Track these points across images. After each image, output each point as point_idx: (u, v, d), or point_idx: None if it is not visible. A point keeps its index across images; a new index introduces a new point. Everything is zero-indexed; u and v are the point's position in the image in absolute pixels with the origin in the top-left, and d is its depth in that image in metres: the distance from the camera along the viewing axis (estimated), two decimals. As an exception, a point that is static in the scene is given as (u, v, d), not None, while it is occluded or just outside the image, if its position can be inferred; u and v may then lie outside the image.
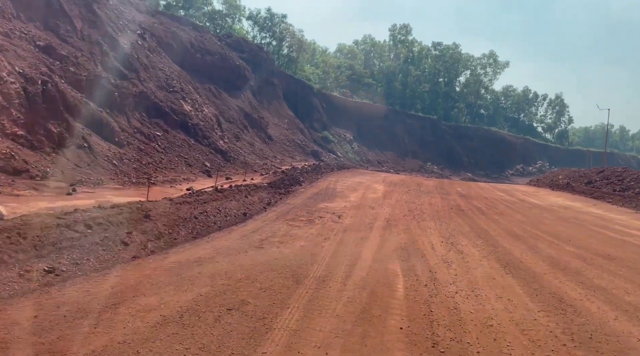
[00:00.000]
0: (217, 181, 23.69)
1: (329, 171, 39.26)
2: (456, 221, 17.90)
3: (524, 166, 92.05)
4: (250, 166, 32.29)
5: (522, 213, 21.69)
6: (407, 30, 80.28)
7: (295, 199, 20.79)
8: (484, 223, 17.72)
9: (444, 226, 16.48)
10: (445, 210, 20.83)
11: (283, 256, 10.37)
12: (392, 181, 34.07)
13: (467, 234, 14.99)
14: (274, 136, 49.33)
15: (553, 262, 11.40)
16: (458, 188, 33.02)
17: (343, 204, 20.49)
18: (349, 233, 13.82)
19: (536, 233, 15.93)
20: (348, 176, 35.81)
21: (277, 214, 16.14)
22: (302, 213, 16.91)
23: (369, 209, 19.40)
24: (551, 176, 41.26)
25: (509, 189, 34.92)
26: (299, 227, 14.15)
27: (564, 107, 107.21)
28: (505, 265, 10.83)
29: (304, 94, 65.00)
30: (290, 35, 68.72)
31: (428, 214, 19.10)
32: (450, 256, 11.53)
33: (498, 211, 21.80)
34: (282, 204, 18.71)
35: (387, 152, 74.57)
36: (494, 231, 16.00)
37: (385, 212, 18.93)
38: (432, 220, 17.66)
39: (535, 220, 19.41)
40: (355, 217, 17.05)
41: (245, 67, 50.38)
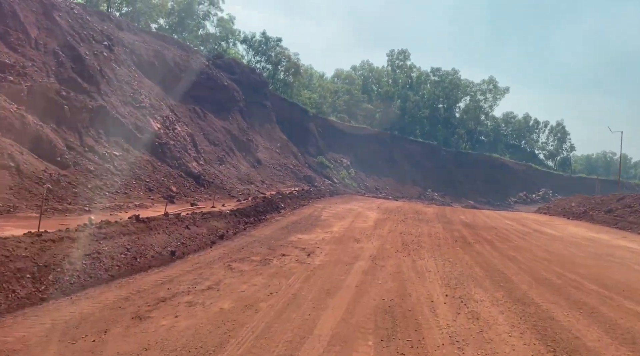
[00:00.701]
0: (177, 208, 19.46)
1: (319, 197, 35.01)
2: (463, 259, 13.51)
3: (527, 194, 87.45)
4: (228, 191, 28.08)
5: (541, 247, 17.27)
6: (405, 55, 77.27)
7: (264, 230, 16.47)
8: (500, 262, 13.31)
9: (447, 267, 12.12)
10: (448, 243, 16.45)
11: (169, 339, 6.00)
12: (388, 208, 29.74)
13: (481, 281, 10.61)
14: (263, 160, 45.26)
15: (627, 337, 7.02)
16: (461, 216, 28.65)
17: (322, 236, 16.15)
18: (311, 282, 9.46)
19: (572, 278, 11.52)
20: (339, 203, 31.52)
21: (224, 252, 11.81)
22: (260, 249, 12.57)
23: (353, 243, 15.04)
24: (563, 203, 36.87)
25: (518, 217, 30.50)
26: (242, 273, 9.80)
27: (565, 135, 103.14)
28: (554, 348, 6.45)
29: (299, 118, 61.27)
30: (286, 59, 65.49)
31: (427, 250, 14.73)
32: (461, 326, 7.16)
33: (513, 244, 17.40)
34: (241, 237, 14.40)
35: (385, 178, 70.32)
36: (516, 275, 11.61)
37: (373, 246, 14.58)
38: (431, 258, 13.29)
39: (562, 258, 15.00)
40: (331, 254, 12.71)
41: (235, 89, 46.73)
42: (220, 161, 36.87)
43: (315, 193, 36.88)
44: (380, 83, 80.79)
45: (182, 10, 56.65)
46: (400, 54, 77.25)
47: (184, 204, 21.28)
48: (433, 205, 44.38)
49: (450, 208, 38.84)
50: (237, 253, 11.76)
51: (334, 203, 31.22)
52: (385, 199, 50.58)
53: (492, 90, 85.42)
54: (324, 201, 32.72)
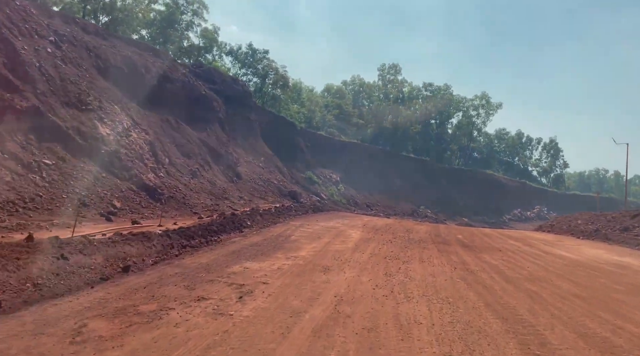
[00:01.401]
0: (110, 226, 15.30)
1: (300, 214, 30.87)
2: (468, 298, 9.41)
3: (521, 211, 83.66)
4: (191, 206, 23.91)
5: (564, 276, 13.17)
6: (397, 70, 73.98)
7: (205, 255, 12.30)
8: (520, 303, 9.21)
9: (447, 313, 8.01)
10: (445, 273, 12.34)
11: None
12: (375, 226, 25.62)
13: (500, 342, 6.53)
14: (244, 175, 41.18)
15: None
16: (458, 234, 24.55)
17: (280, 263, 12.01)
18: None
19: (636, 332, 7.46)
20: (321, 220, 27.39)
21: (99, 299, 7.58)
22: (172, 289, 8.39)
23: (319, 274, 10.90)
24: (567, 221, 32.88)
25: (521, 236, 26.41)
26: (90, 345, 5.67)
27: (558, 151, 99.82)
28: None
29: (287, 132, 57.40)
30: (273, 72, 61.93)
31: (418, 283, 10.62)
32: None
33: (527, 273, 13.29)
34: (161, 268, 10.24)
35: (377, 195, 66.27)
36: (550, 327, 7.50)
37: (345, 279, 10.47)
38: (424, 297, 9.18)
39: (597, 294, 10.93)
40: (277, 295, 8.58)
41: (215, 99, 42.88)
42: (193, 175, 32.80)
43: (297, 210, 32.76)
44: (371, 98, 77.32)
45: (163, 20, 53.14)
46: (391, 68, 73.97)
47: (124, 223, 17.12)
48: (426, 223, 40.30)
49: (444, 226, 34.75)
50: (124, 299, 7.58)
51: (315, 220, 27.08)
52: (375, 216, 46.47)
53: (485, 105, 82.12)
54: (304, 218, 28.59)
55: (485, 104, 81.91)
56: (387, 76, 73.99)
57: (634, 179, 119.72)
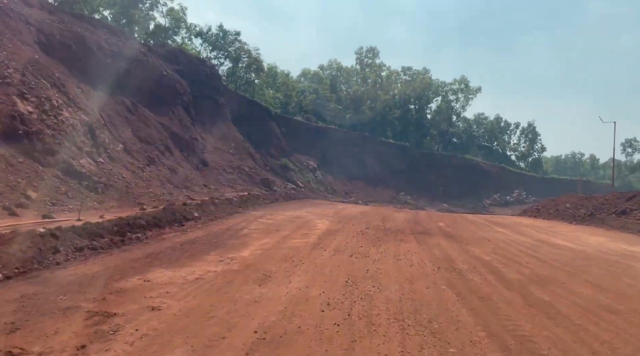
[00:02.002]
0: (11, 222, 11.77)
1: (268, 202, 27.53)
2: (465, 329, 6.20)
3: (500, 195, 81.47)
4: (136, 196, 20.34)
5: (578, 275, 10.07)
6: (374, 53, 70.40)
7: (101, 261, 8.86)
8: (542, 333, 6.03)
9: None
10: (428, 277, 9.10)
11: None
12: (348, 215, 22.39)
13: None
14: (211, 162, 37.55)
15: None
16: (439, 222, 21.47)
17: (206, 269, 8.65)
18: None
19: None
20: (289, 209, 24.07)
21: None
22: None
23: (249, 288, 7.57)
24: (553, 204, 30.12)
25: (509, 223, 23.47)
26: None
27: (536, 136, 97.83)
28: None
29: (260, 117, 53.70)
30: (246, 55, 57.90)
31: (388, 300, 7.37)
32: None
33: (531, 272, 10.13)
34: (12, 285, 6.82)
35: (355, 181, 63.18)
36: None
37: (283, 297, 7.16)
38: (394, 331, 5.94)
39: (632, 302, 7.86)
40: (152, 338, 5.23)
41: (178, 81, 38.97)
42: (150, 161, 29.15)
43: (265, 198, 29.40)
44: (349, 83, 73.79)
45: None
46: (369, 51, 70.32)
47: (35, 217, 13.53)
48: (405, 209, 37.32)
49: (424, 213, 31.74)
50: None
51: (282, 209, 23.76)
52: (353, 203, 43.36)
53: (464, 90, 79.33)
54: (270, 207, 25.25)
55: (464, 88, 79.16)
56: (364, 59, 70.47)
57: (608, 162, 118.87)
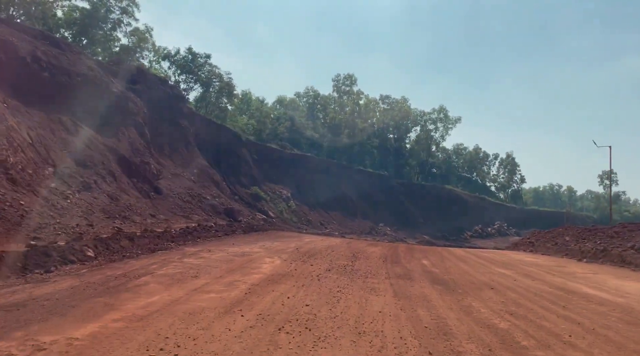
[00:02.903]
0: None
1: (220, 235, 22.74)
2: None
3: (482, 227, 77.75)
4: (33, 229, 15.48)
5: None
6: (352, 80, 67.32)
7: None
8: None
9: None
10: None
11: None
12: (312, 250, 17.78)
13: None
14: (165, 189, 32.73)
15: None
16: (423, 259, 17.00)
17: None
18: None
19: None
20: (241, 243, 19.32)
21: None
22: None
23: None
24: (549, 237, 26.02)
25: (507, 261, 19.07)
26: None
27: (515, 166, 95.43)
28: None
29: (230, 143, 49.34)
30: (217, 79, 54.02)
31: None
32: None
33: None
34: None
35: (332, 212, 58.68)
36: None
37: None
38: None
39: None
40: None
41: (132, 100, 34.49)
42: (86, 187, 24.28)
43: (219, 230, 24.61)
44: (326, 110, 70.34)
45: (86, 17, 44.59)
46: (346, 78, 67.24)
47: None
48: (382, 242, 32.75)
49: (404, 246, 27.24)
50: None
51: (232, 243, 19.03)
52: (327, 235, 38.72)
53: (443, 119, 76.67)
54: (221, 240, 20.49)
55: (444, 117, 76.51)
56: (342, 86, 67.29)
57: (586, 194, 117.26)
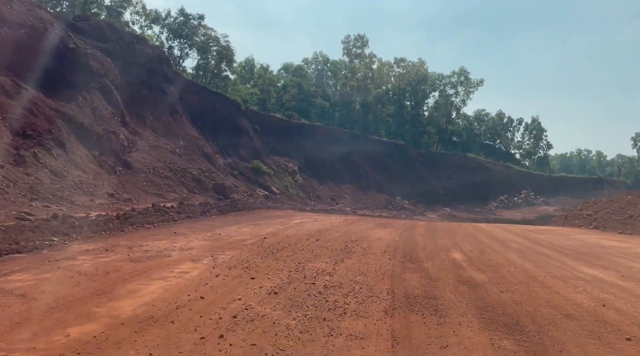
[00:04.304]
0: None
1: (175, 220, 16.72)
2: None
3: (508, 197, 70.38)
4: None
5: None
6: (364, 42, 59.83)
7: None
8: None
9: None
10: None
11: None
12: (283, 240, 11.63)
13: None
14: (138, 163, 26.89)
15: None
16: (453, 251, 10.66)
17: None
18: None
19: None
20: (185, 232, 13.30)
21: None
22: None
23: None
24: (613, 207, 19.29)
25: (580, 248, 12.56)
26: None
27: (541, 132, 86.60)
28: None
29: (228, 113, 43.16)
30: (214, 43, 47.53)
31: None
32: None
33: None
34: None
35: (344, 185, 52.34)
36: None
37: None
38: None
39: None
40: None
41: (97, 59, 28.40)
42: (18, 161, 18.66)
43: (184, 212, 18.63)
44: (337, 76, 63.18)
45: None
46: (357, 40, 59.63)
47: None
48: (398, 219, 26.34)
49: (424, 224, 20.86)
50: None
51: (175, 232, 13.00)
52: (334, 212, 32.61)
53: (464, 82, 68.56)
54: (169, 227, 14.47)
55: (465, 80, 68.41)
56: (352, 49, 59.84)
57: (617, 158, 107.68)
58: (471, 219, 54.77)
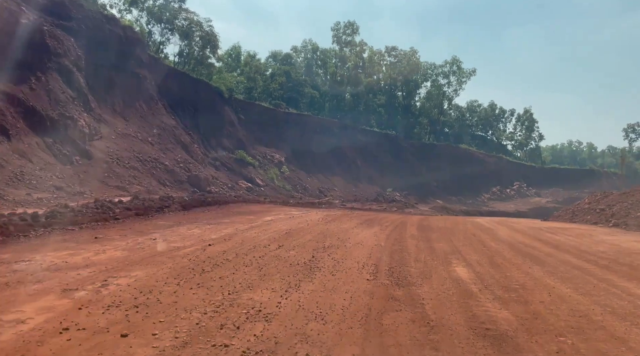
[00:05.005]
0: None
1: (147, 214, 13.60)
2: None
3: (500, 189, 67.76)
4: None
5: None
6: (354, 29, 56.38)
7: None
8: None
9: None
10: None
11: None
12: (230, 250, 8.66)
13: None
14: (101, 153, 23.70)
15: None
16: (455, 264, 7.71)
17: None
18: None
19: None
20: (161, 227, 10.31)
21: None
22: None
23: None
24: (631, 200, 16.51)
25: (619, 258, 9.76)
26: None
27: (533, 123, 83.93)
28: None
29: (210, 100, 39.93)
30: (197, 27, 44.07)
31: None
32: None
33: None
34: None
35: (333, 177, 49.40)
36: None
37: None
38: None
39: None
40: None
41: (57, 38, 25.04)
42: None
43: (150, 207, 15.50)
44: (326, 65, 59.89)
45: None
46: (347, 27, 56.25)
47: None
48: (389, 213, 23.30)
49: (416, 221, 17.93)
50: None
51: (126, 234, 9.95)
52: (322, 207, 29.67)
53: (456, 72, 65.51)
54: (131, 224, 11.36)
55: (457, 70, 65.33)
56: (342, 36, 56.47)
57: (607, 150, 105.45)
58: (464, 212, 52.03)
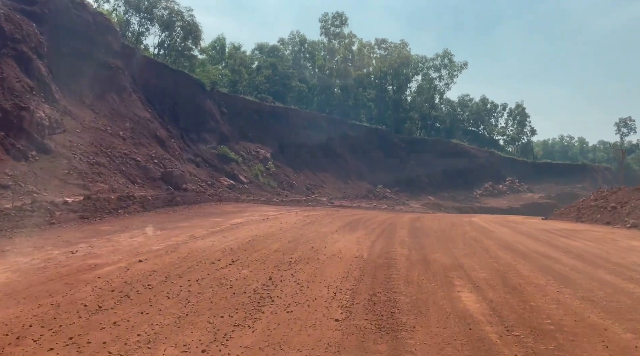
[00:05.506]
0: None
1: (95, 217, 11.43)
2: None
3: (493, 184, 65.97)
4: None
5: None
6: (342, 20, 54.08)
7: None
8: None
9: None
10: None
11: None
12: (196, 254, 6.57)
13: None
14: (62, 148, 21.34)
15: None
16: (462, 292, 5.69)
17: None
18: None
19: None
20: (100, 233, 8.18)
21: None
22: None
23: None
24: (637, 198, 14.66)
25: None
26: None
27: (525, 117, 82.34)
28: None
29: (190, 93, 37.53)
30: (177, 17, 41.63)
31: None
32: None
33: None
34: None
35: (322, 174, 47.25)
36: None
37: None
38: None
39: None
40: None
41: (16, 22, 22.59)
42: None
43: (103, 208, 13.33)
44: (314, 58, 57.61)
45: None
46: (335, 18, 54.01)
47: None
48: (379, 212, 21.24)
49: (408, 221, 15.90)
50: None
51: (40, 245, 7.77)
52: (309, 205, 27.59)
53: (448, 65, 63.58)
54: (63, 231, 9.17)
55: (448, 63, 63.40)
56: (331, 28, 54.23)
57: (598, 145, 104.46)
58: (456, 209, 50.29)
